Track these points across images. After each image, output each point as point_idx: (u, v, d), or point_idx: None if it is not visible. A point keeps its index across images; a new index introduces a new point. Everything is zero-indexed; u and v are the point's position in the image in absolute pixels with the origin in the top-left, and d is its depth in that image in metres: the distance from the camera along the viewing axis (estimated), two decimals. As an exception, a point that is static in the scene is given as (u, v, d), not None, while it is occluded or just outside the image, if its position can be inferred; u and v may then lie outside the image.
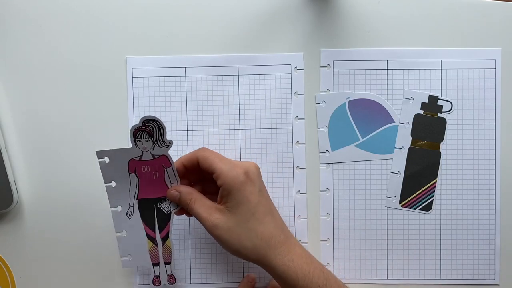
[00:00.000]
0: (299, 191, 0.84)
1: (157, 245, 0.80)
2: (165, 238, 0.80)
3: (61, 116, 0.83)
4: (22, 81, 0.83)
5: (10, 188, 0.82)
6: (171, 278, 0.82)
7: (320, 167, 0.84)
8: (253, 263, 0.74)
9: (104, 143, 0.83)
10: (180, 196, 0.76)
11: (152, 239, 0.80)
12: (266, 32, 0.83)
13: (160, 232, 0.80)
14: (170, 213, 0.79)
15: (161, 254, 0.81)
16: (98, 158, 0.75)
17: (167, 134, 0.76)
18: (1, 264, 0.85)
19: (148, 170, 0.78)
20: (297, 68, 0.83)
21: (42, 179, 0.84)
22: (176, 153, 0.83)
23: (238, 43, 0.83)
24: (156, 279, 0.82)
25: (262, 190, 0.74)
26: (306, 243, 0.84)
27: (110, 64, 0.83)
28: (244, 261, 0.84)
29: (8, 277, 0.85)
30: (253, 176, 0.73)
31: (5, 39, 0.82)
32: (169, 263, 0.81)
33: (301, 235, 0.85)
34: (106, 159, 0.76)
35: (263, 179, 0.77)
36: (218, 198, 0.74)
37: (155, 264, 0.81)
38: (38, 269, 0.85)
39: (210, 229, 0.73)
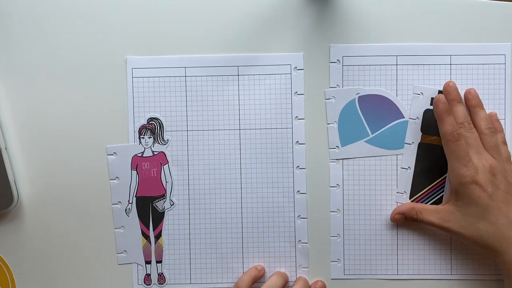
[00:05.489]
0: (299, 191, 0.83)
1: (150, 243, 0.83)
2: (158, 236, 0.83)
3: (61, 116, 0.83)
4: (22, 81, 0.83)
5: (10, 188, 0.82)
6: (161, 278, 0.84)
7: (330, 163, 0.83)
8: None
9: (104, 143, 0.83)
10: (405, 215, 0.81)
11: (146, 236, 0.83)
12: (266, 32, 0.82)
13: (154, 229, 0.83)
14: (164, 211, 0.82)
15: (153, 252, 0.83)
16: (108, 154, 0.82)
17: (167, 134, 0.81)
18: (1, 264, 0.85)
19: (147, 167, 0.82)
20: (297, 68, 0.82)
21: (42, 179, 0.84)
22: (176, 153, 0.83)
23: (238, 43, 0.82)
24: (147, 278, 0.84)
25: (496, 192, 0.75)
26: (306, 243, 0.84)
27: (110, 64, 0.83)
28: (244, 261, 0.85)
29: (8, 277, 0.85)
30: (483, 180, 0.75)
31: (5, 39, 0.83)
32: (160, 261, 0.83)
33: (301, 236, 0.84)
34: (114, 155, 0.82)
35: (264, 179, 0.82)
36: (448, 195, 0.81)
37: (147, 261, 0.83)
38: (38, 269, 0.85)
39: (444, 231, 0.79)
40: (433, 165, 0.83)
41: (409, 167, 0.83)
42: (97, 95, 0.83)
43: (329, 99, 0.82)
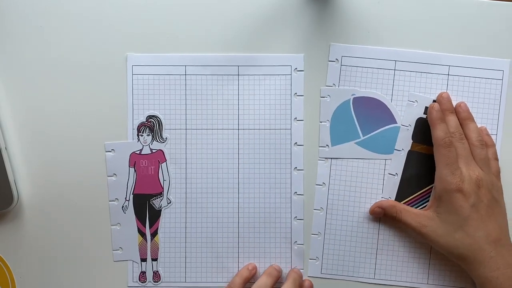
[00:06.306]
0: (296, 192, 0.83)
1: (146, 240, 0.83)
2: (154, 234, 0.83)
3: (61, 115, 0.83)
4: (22, 81, 0.83)
5: (10, 188, 0.81)
6: (156, 276, 0.84)
7: (318, 161, 0.83)
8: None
9: (104, 141, 0.83)
10: (385, 211, 0.81)
11: (142, 233, 0.83)
12: (266, 32, 0.82)
13: (150, 227, 0.83)
14: (161, 210, 0.83)
15: (149, 250, 0.83)
16: (106, 151, 0.81)
17: (166, 132, 0.81)
18: (1, 264, 0.84)
19: (145, 164, 0.82)
20: (297, 69, 0.82)
21: (42, 179, 0.84)
22: (174, 151, 0.83)
23: (238, 43, 0.82)
24: (142, 276, 0.84)
25: (479, 205, 0.75)
26: (302, 244, 0.84)
27: (111, 61, 0.82)
28: (240, 261, 0.85)
29: (8, 277, 0.85)
30: (467, 190, 0.75)
31: (5, 39, 0.82)
32: (156, 259, 0.83)
33: (297, 237, 0.84)
34: (113, 152, 0.81)
35: (262, 179, 0.82)
36: (431, 200, 0.81)
37: (143, 259, 0.84)
38: (38, 269, 0.85)
39: (420, 236, 0.79)
40: (420, 174, 0.83)
41: (396, 173, 0.83)
42: (97, 93, 0.82)
43: (324, 97, 0.82)
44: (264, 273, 0.81)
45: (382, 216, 0.82)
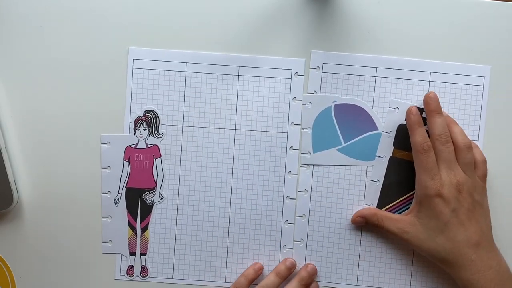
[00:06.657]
0: (288, 196, 0.83)
1: (136, 234, 0.83)
2: (144, 229, 0.83)
3: (61, 115, 0.83)
4: (22, 81, 0.83)
5: (10, 188, 0.81)
6: (144, 271, 0.83)
7: (300, 168, 0.83)
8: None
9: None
10: (366, 220, 0.81)
11: (132, 227, 0.83)
12: (267, 33, 0.82)
13: (141, 222, 0.83)
14: (152, 205, 0.83)
15: (138, 244, 0.83)
16: (102, 143, 0.81)
17: (162, 127, 0.82)
18: (1, 264, 0.84)
19: (140, 159, 0.81)
20: (298, 73, 0.83)
21: (42, 179, 0.84)
22: (170, 147, 0.83)
23: (240, 43, 0.82)
24: (130, 269, 0.83)
25: (459, 209, 0.76)
26: (291, 248, 0.84)
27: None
28: (228, 261, 0.84)
29: (8, 277, 0.84)
30: (447, 195, 0.75)
31: (5, 39, 0.82)
32: (145, 254, 0.83)
33: (287, 241, 0.84)
34: (108, 144, 0.81)
35: (255, 181, 0.82)
36: (413, 205, 0.80)
37: (132, 253, 0.83)
38: (38, 269, 0.85)
39: (402, 241, 0.80)
40: (402, 180, 0.83)
41: (378, 179, 0.83)
42: (97, 90, 0.82)
43: (305, 104, 0.83)
44: (273, 271, 0.81)
45: (364, 224, 0.82)
